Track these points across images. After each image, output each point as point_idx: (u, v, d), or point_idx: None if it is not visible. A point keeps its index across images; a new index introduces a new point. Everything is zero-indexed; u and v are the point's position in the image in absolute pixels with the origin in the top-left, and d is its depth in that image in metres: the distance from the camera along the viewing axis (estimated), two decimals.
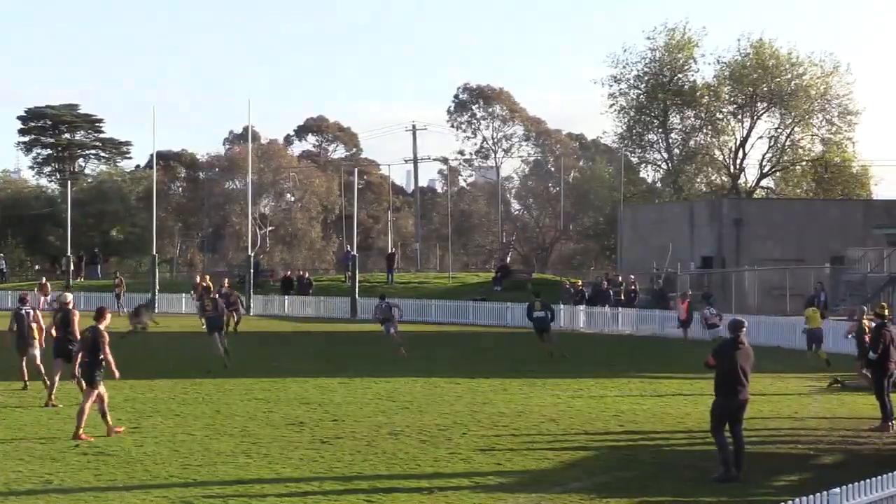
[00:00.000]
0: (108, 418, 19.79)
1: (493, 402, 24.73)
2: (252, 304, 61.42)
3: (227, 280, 51.60)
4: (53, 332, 23.69)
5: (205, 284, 46.46)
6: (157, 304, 51.37)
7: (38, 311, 26.79)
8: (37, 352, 25.60)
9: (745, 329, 16.78)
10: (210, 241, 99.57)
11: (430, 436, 19.91)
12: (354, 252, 63.05)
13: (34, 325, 25.81)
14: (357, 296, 57.29)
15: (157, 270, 65.73)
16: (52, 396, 23.52)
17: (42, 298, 49.68)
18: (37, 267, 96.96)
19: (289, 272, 69.85)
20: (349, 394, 25.94)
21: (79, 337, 21.97)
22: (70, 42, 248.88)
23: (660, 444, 19.81)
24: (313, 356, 35.94)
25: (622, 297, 53.48)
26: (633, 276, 55.75)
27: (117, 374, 20.14)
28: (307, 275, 67.98)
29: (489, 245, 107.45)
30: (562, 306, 51.34)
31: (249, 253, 65.50)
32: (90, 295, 62.07)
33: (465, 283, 67.51)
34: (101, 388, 19.67)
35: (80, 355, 20.10)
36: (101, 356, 19.57)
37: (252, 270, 63.03)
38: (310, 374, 29.87)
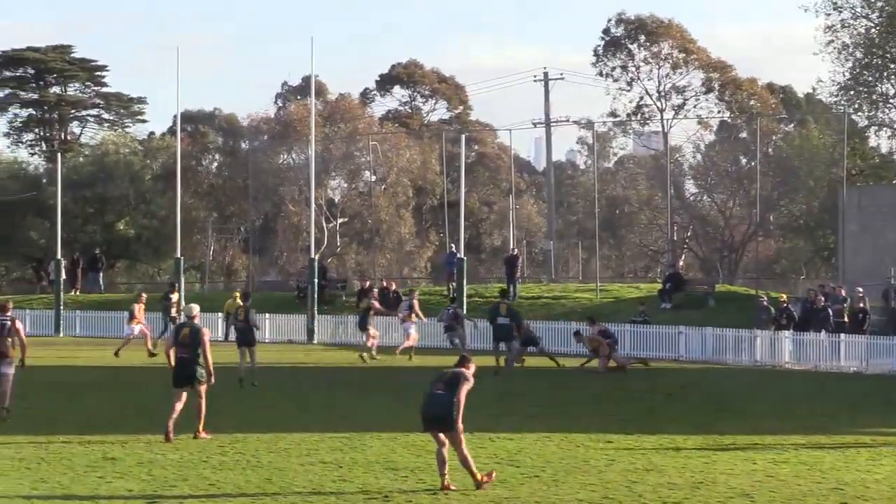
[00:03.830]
0: (473, 466, 22.27)
1: (661, 468, 24.67)
2: (316, 329, 61.71)
3: None
4: (172, 353, 26.64)
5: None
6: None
7: (18, 323, 29.28)
8: (11, 370, 29.14)
9: None
10: (257, 239, 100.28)
11: None
12: (461, 254, 63.16)
13: (12, 339, 29.10)
14: (465, 314, 57.23)
15: (182, 279, 66.20)
16: (171, 429, 26.29)
17: None
18: (14, 274, 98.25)
19: (367, 282, 70.12)
20: (454, 456, 26.02)
21: (210, 360, 26.26)
22: None
23: None
24: (403, 402, 36.04)
25: (845, 319, 53.01)
26: (860, 289, 55.16)
27: (461, 425, 22.20)
28: (394, 286, 68.23)
29: (653, 245, 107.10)
30: (757, 332, 50.98)
31: (313, 255, 65.82)
32: (89, 314, 63.06)
33: (619, 297, 67.36)
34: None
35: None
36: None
37: (317, 280, 63.30)
38: (398, 426, 29.96)
